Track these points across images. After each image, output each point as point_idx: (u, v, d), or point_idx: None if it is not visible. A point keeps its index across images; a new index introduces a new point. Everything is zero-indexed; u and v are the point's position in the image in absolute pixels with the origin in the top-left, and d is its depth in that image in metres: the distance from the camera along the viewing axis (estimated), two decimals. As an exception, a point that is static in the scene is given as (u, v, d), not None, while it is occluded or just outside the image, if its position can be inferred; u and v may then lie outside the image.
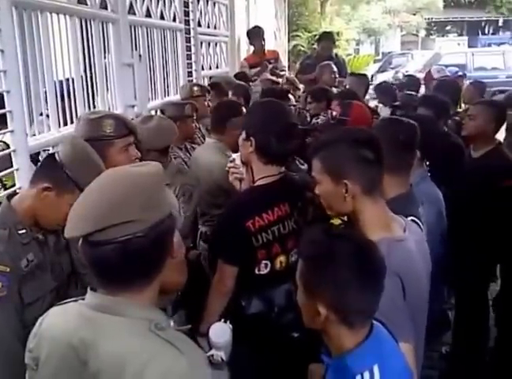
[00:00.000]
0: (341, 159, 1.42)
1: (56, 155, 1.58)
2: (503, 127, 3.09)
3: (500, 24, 28.83)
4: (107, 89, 3.19)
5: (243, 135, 1.89)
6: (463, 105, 4.67)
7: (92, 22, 2.91)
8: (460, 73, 5.92)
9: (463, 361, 2.85)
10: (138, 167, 1.04)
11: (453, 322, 3.04)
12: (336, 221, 1.90)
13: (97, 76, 3.00)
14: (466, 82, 5.37)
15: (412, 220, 1.67)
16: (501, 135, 3.25)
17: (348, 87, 4.46)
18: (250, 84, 4.69)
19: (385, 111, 3.93)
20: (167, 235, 1.01)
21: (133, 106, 3.35)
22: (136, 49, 3.51)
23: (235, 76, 4.80)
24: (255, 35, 5.64)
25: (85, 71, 2.88)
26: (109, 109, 3.08)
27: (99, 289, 1.01)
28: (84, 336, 0.95)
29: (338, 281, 1.09)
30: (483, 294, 2.91)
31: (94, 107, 2.99)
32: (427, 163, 2.22)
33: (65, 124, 2.55)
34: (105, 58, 3.21)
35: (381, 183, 1.49)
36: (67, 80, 2.68)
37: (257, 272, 1.87)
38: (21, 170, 2.15)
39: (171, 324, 1.03)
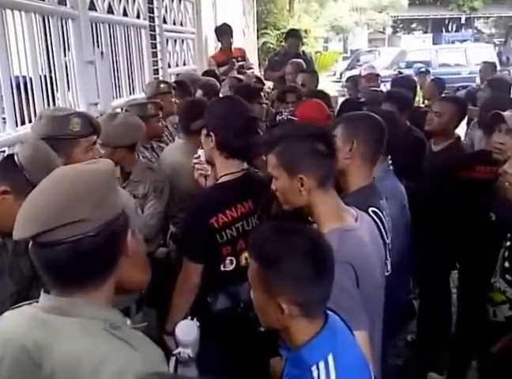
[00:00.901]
0: (296, 153, 1.45)
1: (15, 157, 1.54)
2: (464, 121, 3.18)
3: (462, 21, 29.58)
4: (69, 87, 3.12)
5: (204, 131, 1.89)
6: (425, 101, 4.79)
7: (50, 18, 2.85)
8: (423, 69, 6.05)
9: (427, 348, 2.93)
10: (89, 165, 1.02)
11: (417, 311, 3.11)
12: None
13: (57, 73, 2.93)
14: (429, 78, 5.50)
15: (373, 211, 1.72)
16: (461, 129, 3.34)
17: (300, 84, 4.50)
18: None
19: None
20: (120, 234, 0.99)
21: (96, 105, 3.29)
22: (98, 46, 3.45)
23: (204, 74, 4.76)
24: (223, 32, 5.62)
25: (43, 69, 2.81)
26: (71, 107, 3.01)
27: (53, 290, 0.99)
28: (37, 339, 0.93)
29: (297, 275, 1.10)
30: (445, 284, 2.99)
31: (54, 106, 2.92)
32: (390, 157, 2.24)
33: (23, 123, 2.49)
34: (65, 55, 3.14)
35: (334, 176, 1.52)
36: (24, 77, 2.61)
37: (222, 268, 1.88)
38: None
39: (127, 322, 1.02)
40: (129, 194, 2.03)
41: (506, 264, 1.72)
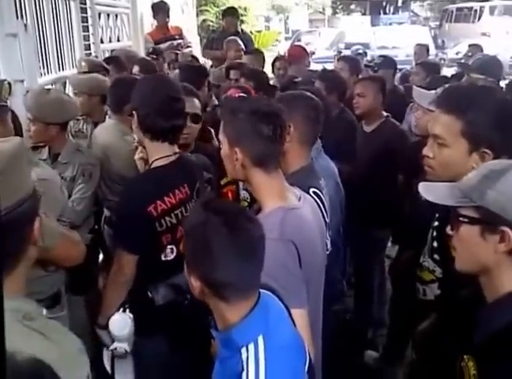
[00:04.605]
0: (237, 128, 1.43)
1: None
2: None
3: (399, 4, 30.22)
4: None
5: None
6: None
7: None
8: (360, 51, 6.12)
9: (364, 326, 3.01)
10: None
11: (354, 290, 3.17)
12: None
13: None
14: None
15: (314, 192, 1.73)
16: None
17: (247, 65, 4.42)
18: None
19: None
20: (25, 221, 0.93)
21: (22, 81, 3.08)
22: (22, 18, 3.21)
23: (152, 51, 4.53)
24: (159, 9, 5.44)
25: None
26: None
27: None
28: None
29: (207, 253, 1.05)
30: (380, 263, 3.07)
31: (-26, 82, 2.70)
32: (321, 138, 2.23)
33: None
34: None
35: (276, 156, 1.48)
36: None
37: (163, 258, 1.80)
38: None
39: (44, 312, 0.96)
40: (55, 172, 1.92)
41: (435, 244, 1.75)
